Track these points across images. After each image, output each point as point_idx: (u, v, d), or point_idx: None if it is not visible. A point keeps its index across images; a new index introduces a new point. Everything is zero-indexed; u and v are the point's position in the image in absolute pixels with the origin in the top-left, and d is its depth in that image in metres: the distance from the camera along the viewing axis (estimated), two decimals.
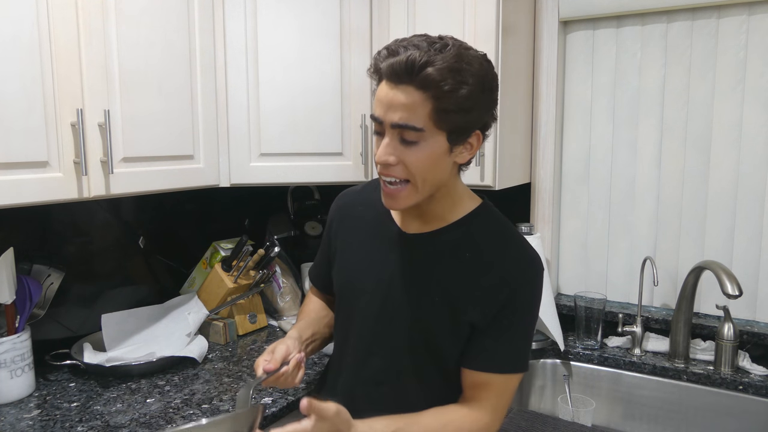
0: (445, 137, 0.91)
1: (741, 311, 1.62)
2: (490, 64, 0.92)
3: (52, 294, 1.44)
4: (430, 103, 0.87)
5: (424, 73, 0.86)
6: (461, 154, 0.95)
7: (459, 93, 0.87)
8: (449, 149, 0.93)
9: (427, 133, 0.90)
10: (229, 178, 1.58)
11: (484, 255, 1.00)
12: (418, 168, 0.92)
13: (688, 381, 1.55)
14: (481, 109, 0.91)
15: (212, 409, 1.26)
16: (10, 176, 1.11)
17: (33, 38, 1.12)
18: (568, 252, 1.86)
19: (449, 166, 0.96)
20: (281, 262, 1.91)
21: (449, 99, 0.87)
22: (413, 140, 0.90)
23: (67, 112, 1.18)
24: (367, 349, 1.07)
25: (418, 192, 0.95)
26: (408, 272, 1.03)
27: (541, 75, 1.77)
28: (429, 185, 0.95)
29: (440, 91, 0.86)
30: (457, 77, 0.86)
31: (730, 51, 1.57)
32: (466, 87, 0.87)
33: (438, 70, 0.86)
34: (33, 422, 1.20)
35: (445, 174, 0.97)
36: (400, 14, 1.61)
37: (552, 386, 1.71)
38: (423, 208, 1.03)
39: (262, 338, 1.71)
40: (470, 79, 0.87)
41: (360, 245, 1.11)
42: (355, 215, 1.14)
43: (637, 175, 1.72)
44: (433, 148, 0.91)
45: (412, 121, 0.89)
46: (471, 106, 0.89)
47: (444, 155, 0.93)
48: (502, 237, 1.03)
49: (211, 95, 1.51)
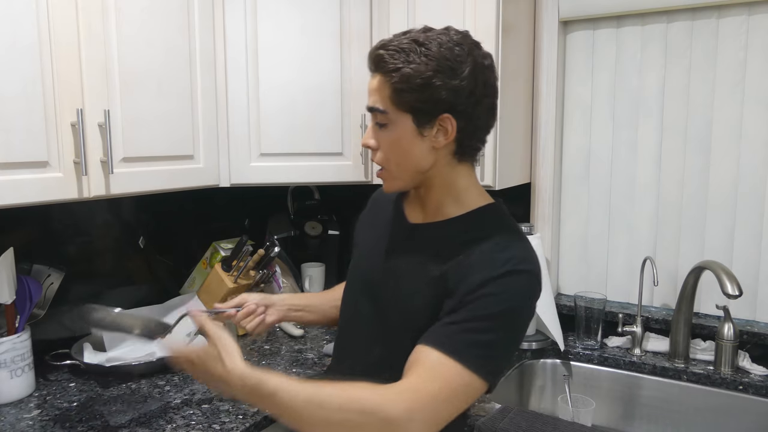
0: (411, 119, 0.93)
1: (741, 311, 1.62)
2: (460, 47, 0.91)
3: (52, 294, 1.44)
4: (388, 84, 0.92)
5: (377, 55, 0.92)
6: (436, 139, 0.94)
7: (404, 71, 0.89)
8: (418, 132, 0.93)
9: (392, 114, 0.93)
10: (229, 178, 1.58)
11: (477, 255, 0.95)
12: (390, 151, 0.96)
13: (688, 381, 1.55)
14: (440, 89, 0.89)
15: (212, 409, 1.26)
16: (10, 176, 1.11)
17: (33, 38, 1.12)
18: (568, 252, 1.86)
19: (425, 151, 0.95)
20: (281, 262, 1.91)
21: (398, 78, 0.90)
22: (383, 122, 0.95)
23: (67, 112, 1.18)
24: (369, 336, 1.06)
25: (395, 177, 0.99)
26: (405, 261, 1.03)
27: (541, 75, 1.77)
28: (404, 170, 0.97)
29: (389, 71, 0.91)
30: (403, 57, 0.90)
31: (730, 51, 1.57)
32: (413, 65, 0.89)
33: (388, 52, 0.91)
34: (33, 422, 1.20)
35: (424, 160, 0.96)
36: (400, 14, 1.61)
37: (552, 386, 1.71)
38: (422, 199, 1.03)
39: (262, 338, 1.71)
40: (420, 58, 0.89)
41: (372, 235, 1.13)
42: (378, 208, 1.16)
43: (637, 175, 1.72)
44: (400, 131, 0.94)
45: (377, 104, 0.94)
46: (423, 85, 0.89)
47: (414, 138, 0.94)
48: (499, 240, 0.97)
49: (211, 95, 1.51)
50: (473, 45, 0.93)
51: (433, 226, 1.02)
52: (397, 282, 1.02)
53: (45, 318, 1.43)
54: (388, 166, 0.98)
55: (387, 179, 1.01)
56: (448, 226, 1.00)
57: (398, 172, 0.98)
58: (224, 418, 1.22)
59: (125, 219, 1.70)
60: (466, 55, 0.91)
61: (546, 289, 1.69)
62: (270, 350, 1.61)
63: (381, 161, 0.99)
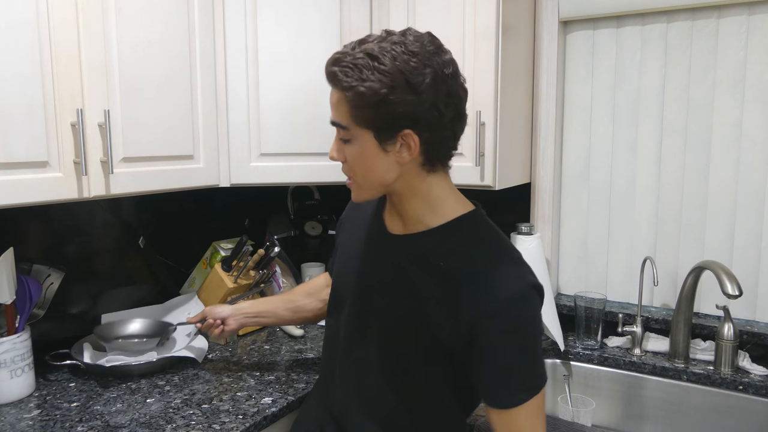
0: (372, 135, 0.90)
1: (741, 311, 1.62)
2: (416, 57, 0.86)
3: (52, 294, 1.44)
4: (345, 100, 0.89)
5: (331, 72, 0.89)
6: (400, 154, 0.91)
7: (357, 90, 0.86)
8: (380, 147, 0.91)
9: (353, 130, 0.91)
10: (229, 178, 1.58)
11: (459, 267, 0.94)
12: (354, 165, 0.95)
13: (688, 381, 1.55)
14: (397, 106, 0.86)
15: (212, 409, 1.26)
16: (10, 176, 1.11)
17: (33, 38, 1.12)
18: (568, 252, 1.86)
19: (390, 165, 0.92)
20: (281, 262, 1.91)
21: (353, 96, 0.87)
22: (346, 138, 0.93)
23: (67, 112, 1.18)
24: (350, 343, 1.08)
25: (363, 189, 0.98)
26: (385, 272, 1.02)
27: (541, 75, 1.77)
28: (371, 183, 0.96)
29: (344, 88, 0.88)
30: (357, 74, 0.86)
31: (730, 51, 1.57)
32: (367, 83, 0.85)
33: (341, 68, 0.88)
34: (33, 422, 1.20)
35: (389, 174, 0.93)
36: (400, 14, 1.60)
37: (552, 386, 1.71)
38: (399, 209, 1.01)
39: (262, 338, 1.71)
40: (374, 74, 0.85)
41: (353, 242, 1.12)
42: (359, 214, 1.15)
43: (637, 175, 1.72)
44: (362, 146, 0.92)
45: (339, 119, 0.92)
46: (379, 103, 0.86)
47: (377, 153, 0.92)
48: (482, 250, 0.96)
49: (211, 95, 1.51)
50: (432, 53, 0.88)
51: (413, 238, 1.00)
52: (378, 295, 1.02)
53: (45, 318, 1.43)
54: (355, 178, 0.97)
55: (354, 189, 0.99)
56: (428, 238, 0.98)
57: (365, 184, 0.97)
58: (224, 418, 1.22)
59: (125, 219, 1.70)
60: (424, 67, 0.86)
61: (546, 289, 1.69)
62: (270, 350, 1.61)
63: (347, 173, 0.98)
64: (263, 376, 1.44)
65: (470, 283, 0.93)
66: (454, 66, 0.92)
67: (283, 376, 1.43)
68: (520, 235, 1.72)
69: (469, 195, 1.02)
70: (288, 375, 1.44)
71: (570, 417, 1.49)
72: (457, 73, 0.93)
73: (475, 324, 0.91)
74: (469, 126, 1.52)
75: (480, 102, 1.52)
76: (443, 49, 0.92)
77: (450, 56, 0.92)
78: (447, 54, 0.91)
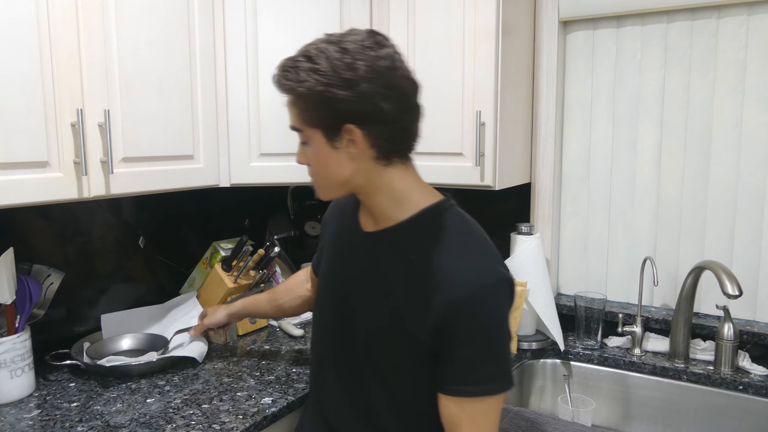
0: (321, 134, 0.93)
1: (741, 311, 1.62)
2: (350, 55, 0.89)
3: (52, 294, 1.44)
4: (292, 103, 0.94)
5: (274, 77, 0.95)
6: (348, 150, 0.93)
7: (297, 91, 0.91)
8: (330, 145, 0.94)
9: (307, 132, 0.95)
10: (229, 178, 1.58)
11: (430, 259, 0.94)
12: (314, 165, 0.98)
13: (688, 381, 1.55)
14: (335, 102, 0.89)
15: (212, 409, 1.26)
16: (10, 176, 1.11)
17: (33, 38, 1.12)
18: (568, 252, 1.86)
19: (344, 162, 0.94)
20: (281, 262, 1.91)
21: (295, 98, 0.93)
22: (304, 140, 0.97)
23: (67, 112, 1.18)
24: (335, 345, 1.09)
25: (324, 188, 1.00)
26: (361, 271, 1.03)
27: (541, 75, 1.77)
28: (330, 182, 0.98)
29: (287, 91, 0.93)
30: (294, 76, 0.91)
31: (730, 51, 1.57)
32: (304, 84, 0.90)
33: (282, 73, 0.93)
34: (33, 422, 1.20)
35: (345, 170, 0.95)
36: (400, 14, 1.61)
37: (552, 386, 1.72)
38: (367, 206, 1.02)
39: (263, 338, 1.71)
40: (310, 75, 0.89)
41: (335, 242, 1.13)
42: (341, 214, 1.15)
43: (637, 175, 1.72)
44: (316, 146, 0.95)
45: (293, 122, 0.97)
46: (318, 101, 0.90)
47: (328, 151, 0.94)
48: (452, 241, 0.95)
49: (211, 95, 1.51)
50: (366, 47, 0.90)
51: (383, 234, 1.00)
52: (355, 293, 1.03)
53: (45, 318, 1.43)
54: (316, 179, 1.00)
55: (318, 189, 1.02)
56: (396, 233, 0.99)
57: (324, 183, 1.00)
58: (224, 418, 1.22)
59: (125, 219, 1.70)
60: (356, 62, 0.88)
61: (546, 289, 1.69)
62: (270, 350, 1.61)
63: (311, 175, 1.01)
64: (263, 376, 1.44)
65: (436, 273, 0.92)
66: (394, 59, 0.92)
67: (283, 376, 1.43)
68: (520, 235, 1.72)
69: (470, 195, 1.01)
70: (288, 375, 1.44)
71: (570, 417, 1.49)
72: (397, 66, 0.92)
73: (440, 315, 0.91)
74: (469, 126, 1.54)
75: (480, 102, 1.52)
76: (382, 44, 0.92)
77: (389, 50, 0.92)
78: (385, 48, 0.92)
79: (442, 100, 1.57)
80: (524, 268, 1.68)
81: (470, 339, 0.91)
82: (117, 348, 1.54)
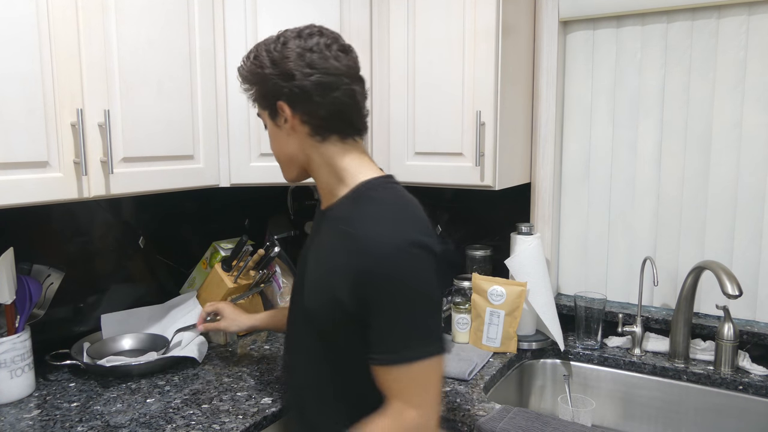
0: (267, 114, 1.05)
1: (741, 311, 1.62)
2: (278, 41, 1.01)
3: (52, 294, 1.44)
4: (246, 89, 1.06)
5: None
6: (286, 126, 1.02)
7: (242, 75, 1.05)
8: (274, 123, 1.04)
9: (261, 114, 1.07)
10: (229, 178, 1.58)
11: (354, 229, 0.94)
12: (271, 147, 1.10)
13: (688, 381, 1.55)
14: (264, 82, 1.01)
15: (212, 409, 1.26)
16: (10, 176, 1.11)
17: (33, 38, 1.12)
18: (568, 252, 1.86)
19: (285, 138, 1.04)
20: (281, 262, 1.91)
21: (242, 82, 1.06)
22: (264, 124, 1.08)
23: (67, 112, 1.18)
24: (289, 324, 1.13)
25: (282, 168, 1.10)
26: (311, 248, 1.07)
27: (541, 75, 1.77)
28: (284, 161, 1.08)
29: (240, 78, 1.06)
30: (242, 64, 1.05)
31: (730, 51, 1.57)
32: (245, 69, 1.04)
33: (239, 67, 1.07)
34: (33, 422, 1.20)
35: (288, 147, 1.05)
36: (400, 14, 1.61)
37: (552, 386, 1.71)
38: (318, 185, 1.08)
39: (262, 338, 1.71)
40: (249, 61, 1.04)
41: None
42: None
43: (637, 175, 1.72)
44: (269, 127, 1.07)
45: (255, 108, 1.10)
46: (254, 82, 1.03)
47: (274, 130, 1.05)
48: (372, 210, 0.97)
49: (211, 95, 1.51)
50: (296, 35, 1.01)
51: (327, 210, 1.06)
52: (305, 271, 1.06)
53: (45, 318, 1.43)
54: (277, 160, 1.10)
55: (281, 170, 1.11)
56: (336, 208, 1.03)
57: (280, 162, 1.10)
58: (224, 418, 1.22)
59: (125, 219, 1.70)
60: (283, 45, 1.00)
61: (546, 289, 1.69)
62: (270, 350, 1.61)
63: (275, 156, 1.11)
64: (263, 376, 1.44)
65: (355, 242, 0.93)
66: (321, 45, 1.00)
67: (283, 376, 1.43)
68: (520, 235, 1.72)
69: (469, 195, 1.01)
70: None
71: (570, 417, 1.49)
72: (324, 48, 1.00)
73: (355, 283, 0.91)
74: (469, 126, 1.54)
75: (480, 102, 1.52)
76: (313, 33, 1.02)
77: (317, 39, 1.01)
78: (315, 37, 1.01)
79: (442, 100, 1.57)
80: (524, 268, 1.68)
81: (383, 305, 0.90)
82: (117, 348, 1.54)
